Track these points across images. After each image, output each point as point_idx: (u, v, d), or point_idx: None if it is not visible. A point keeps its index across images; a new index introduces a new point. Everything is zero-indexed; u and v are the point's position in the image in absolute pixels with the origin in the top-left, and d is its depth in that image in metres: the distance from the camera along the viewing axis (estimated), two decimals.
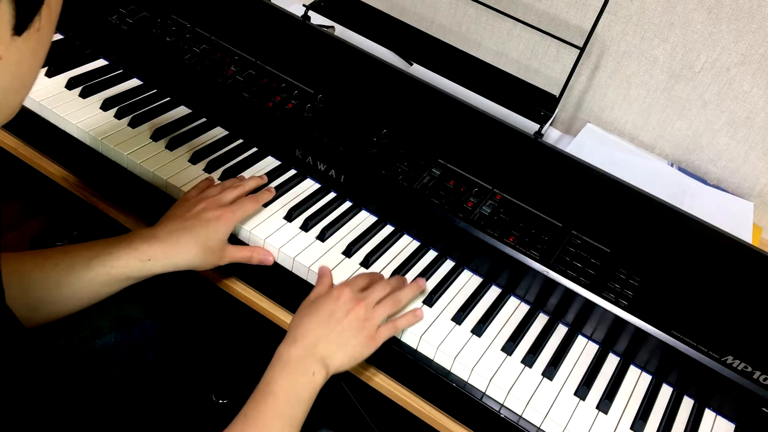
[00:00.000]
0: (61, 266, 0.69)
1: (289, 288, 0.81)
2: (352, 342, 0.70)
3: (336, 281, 0.79)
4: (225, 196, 0.81)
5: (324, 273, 0.79)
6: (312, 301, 0.74)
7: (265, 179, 0.88)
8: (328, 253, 0.83)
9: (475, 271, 0.86)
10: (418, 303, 0.80)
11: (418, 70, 1.12)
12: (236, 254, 0.79)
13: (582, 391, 0.75)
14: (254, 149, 0.95)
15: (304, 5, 1.10)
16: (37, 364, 0.51)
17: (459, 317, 0.79)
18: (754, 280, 0.83)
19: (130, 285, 0.74)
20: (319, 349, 0.68)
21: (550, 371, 0.76)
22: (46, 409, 0.50)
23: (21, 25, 0.38)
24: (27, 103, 0.94)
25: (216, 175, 0.89)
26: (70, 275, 0.69)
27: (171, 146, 0.91)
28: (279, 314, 0.81)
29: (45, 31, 0.40)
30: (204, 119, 0.97)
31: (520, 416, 0.74)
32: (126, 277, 0.72)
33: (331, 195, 0.91)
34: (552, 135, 1.18)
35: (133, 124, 0.92)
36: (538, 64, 1.18)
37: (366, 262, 0.83)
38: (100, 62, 1.03)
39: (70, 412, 0.84)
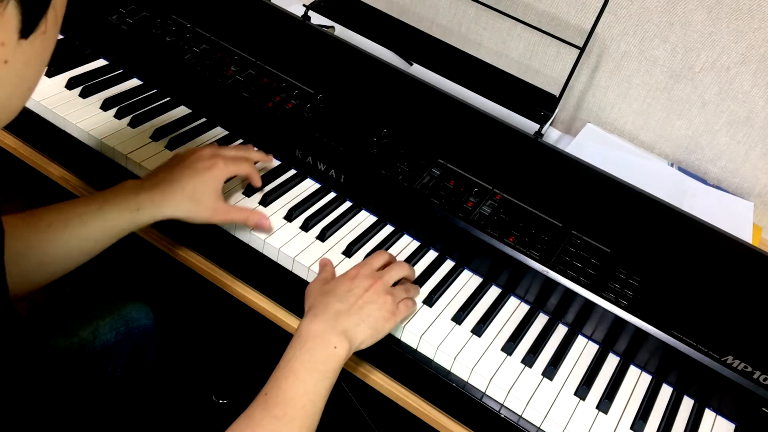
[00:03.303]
0: (56, 225, 0.69)
1: (289, 288, 0.81)
2: (374, 315, 0.69)
3: None
4: (224, 150, 0.80)
5: (326, 262, 0.79)
6: (324, 282, 0.73)
7: (271, 157, 0.88)
8: (329, 253, 0.83)
9: (475, 271, 0.86)
10: (418, 303, 0.80)
11: (418, 70, 1.12)
12: (231, 214, 0.78)
13: (582, 391, 0.75)
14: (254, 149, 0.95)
15: (304, 5, 1.10)
16: (42, 363, 0.51)
17: (459, 317, 0.79)
18: (754, 280, 0.83)
19: (123, 236, 0.74)
20: (340, 322, 0.67)
21: (550, 371, 0.76)
22: (52, 407, 0.50)
23: (27, 29, 0.38)
24: (27, 103, 0.93)
25: None
26: (66, 233, 0.69)
27: (171, 146, 0.91)
28: (279, 314, 0.81)
29: (50, 33, 0.40)
30: (204, 119, 0.97)
31: (520, 416, 0.74)
32: (120, 230, 0.72)
33: (331, 195, 0.91)
34: (552, 135, 1.18)
35: (133, 124, 0.92)
36: (538, 64, 1.18)
37: None
38: (100, 62, 1.03)
39: (72, 411, 0.84)
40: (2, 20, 0.36)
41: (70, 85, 0.96)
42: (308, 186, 0.92)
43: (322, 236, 0.84)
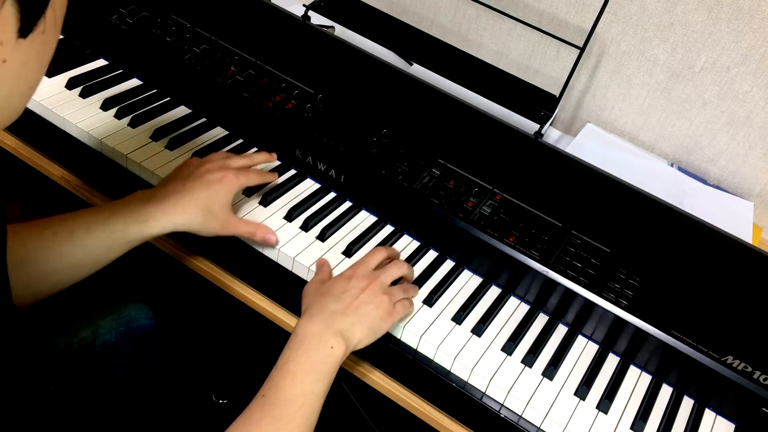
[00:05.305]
0: (60, 234, 0.68)
1: (289, 288, 0.81)
2: (371, 315, 0.69)
3: None
4: (231, 162, 0.80)
5: (323, 262, 0.79)
6: (321, 282, 0.73)
7: (274, 156, 0.88)
8: (329, 253, 0.83)
9: (475, 271, 0.86)
10: (418, 303, 0.80)
11: (418, 70, 1.12)
12: (240, 227, 0.78)
13: (582, 391, 0.75)
14: (254, 149, 0.95)
15: (304, 5, 1.10)
16: (44, 360, 0.51)
17: (459, 317, 0.79)
18: (754, 280, 0.83)
19: (131, 249, 0.72)
20: (336, 322, 0.67)
21: (550, 371, 0.76)
22: (54, 403, 0.50)
23: (26, 28, 0.38)
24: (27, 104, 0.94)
25: None
26: (71, 243, 0.68)
27: (171, 146, 0.91)
28: (279, 314, 0.81)
29: (50, 33, 0.40)
30: (204, 119, 0.97)
31: (520, 416, 0.74)
32: (127, 241, 0.71)
33: (331, 195, 0.91)
34: (552, 135, 1.18)
35: (133, 124, 0.92)
36: (538, 64, 1.18)
37: None
38: (100, 62, 1.03)
39: (72, 411, 0.84)
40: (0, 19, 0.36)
41: (70, 85, 0.96)
42: (308, 186, 0.92)
43: (322, 236, 0.84)
